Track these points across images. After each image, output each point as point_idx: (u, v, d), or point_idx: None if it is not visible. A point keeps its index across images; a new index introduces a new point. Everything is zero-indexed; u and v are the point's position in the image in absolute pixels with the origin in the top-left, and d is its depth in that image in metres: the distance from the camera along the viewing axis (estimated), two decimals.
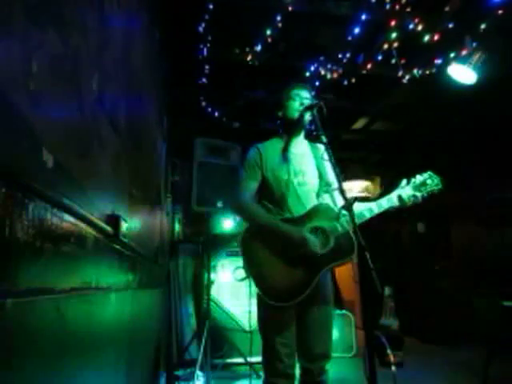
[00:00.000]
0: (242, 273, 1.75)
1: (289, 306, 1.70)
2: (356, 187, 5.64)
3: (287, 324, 1.72)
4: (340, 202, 1.78)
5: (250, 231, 1.80)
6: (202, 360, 3.11)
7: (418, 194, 1.82)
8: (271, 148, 1.92)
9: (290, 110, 1.89)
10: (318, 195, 1.87)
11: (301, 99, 1.86)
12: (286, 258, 1.69)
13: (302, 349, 1.76)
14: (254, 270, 1.72)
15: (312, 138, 1.93)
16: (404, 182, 1.86)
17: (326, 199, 1.89)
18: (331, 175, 1.83)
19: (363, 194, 5.60)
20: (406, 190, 1.83)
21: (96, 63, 0.99)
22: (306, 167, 1.88)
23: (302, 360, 1.77)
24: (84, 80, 0.89)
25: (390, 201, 1.80)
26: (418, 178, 1.86)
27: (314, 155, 1.92)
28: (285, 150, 1.91)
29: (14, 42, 0.55)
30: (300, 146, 1.95)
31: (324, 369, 1.76)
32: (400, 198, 1.80)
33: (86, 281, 0.87)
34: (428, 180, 1.86)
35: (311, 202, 1.83)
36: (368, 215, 1.75)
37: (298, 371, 1.78)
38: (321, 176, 1.88)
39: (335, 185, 1.77)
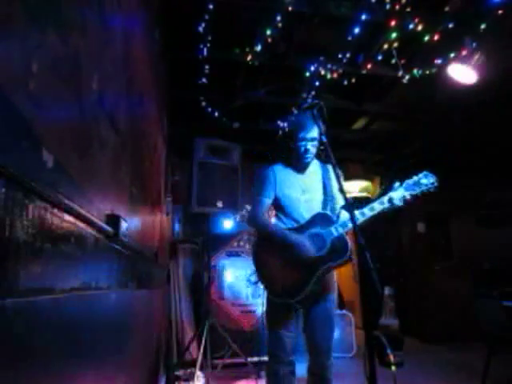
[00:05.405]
0: (254, 277, 2.04)
1: (292, 305, 1.94)
2: (356, 187, 5.64)
3: (291, 318, 1.98)
4: (344, 215, 1.99)
5: (259, 243, 2.07)
6: (202, 360, 3.11)
7: (412, 194, 1.93)
8: (284, 171, 2.12)
9: (297, 152, 2.03)
10: (323, 208, 2.07)
11: (306, 143, 1.99)
12: (289, 262, 1.92)
13: (309, 344, 2.00)
14: (263, 275, 1.98)
15: (322, 158, 2.13)
16: (397, 184, 1.98)
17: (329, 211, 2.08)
18: (336, 190, 2.04)
19: (363, 194, 5.60)
20: (397, 192, 1.95)
21: (96, 63, 0.99)
22: (313, 186, 2.09)
23: (309, 355, 1.99)
24: (84, 80, 0.89)
25: (382, 203, 1.93)
26: (413, 179, 1.97)
27: (322, 174, 2.13)
28: (295, 173, 2.11)
29: (13, 41, 0.55)
30: (309, 168, 2.13)
31: (329, 362, 1.97)
32: (390, 199, 1.93)
33: (85, 281, 0.87)
34: (423, 179, 1.96)
35: None
36: (361, 217, 1.89)
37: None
38: (326, 192, 2.08)
39: (340, 200, 2.01)
